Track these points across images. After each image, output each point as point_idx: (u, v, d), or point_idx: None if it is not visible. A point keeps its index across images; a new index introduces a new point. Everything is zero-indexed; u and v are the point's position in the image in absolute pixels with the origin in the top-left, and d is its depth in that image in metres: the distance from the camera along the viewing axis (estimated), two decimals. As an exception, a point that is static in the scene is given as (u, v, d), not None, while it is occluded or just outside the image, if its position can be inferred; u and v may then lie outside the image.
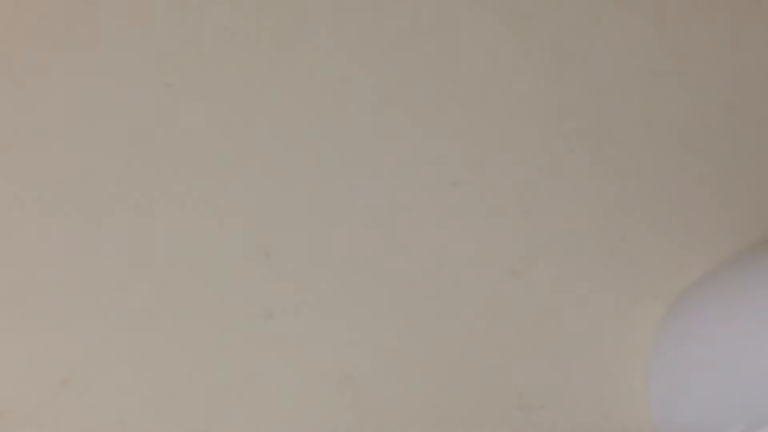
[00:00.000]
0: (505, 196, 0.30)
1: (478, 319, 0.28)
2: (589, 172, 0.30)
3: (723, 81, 0.32)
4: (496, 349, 0.28)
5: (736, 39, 0.32)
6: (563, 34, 0.32)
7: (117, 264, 0.28)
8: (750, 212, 0.30)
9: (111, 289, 0.28)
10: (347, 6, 0.32)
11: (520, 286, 0.29)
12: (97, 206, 0.29)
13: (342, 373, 0.27)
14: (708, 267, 0.29)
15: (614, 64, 0.32)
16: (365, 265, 0.29)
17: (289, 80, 0.31)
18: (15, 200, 0.29)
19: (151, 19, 0.32)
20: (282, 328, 0.28)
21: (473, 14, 0.32)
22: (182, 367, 0.27)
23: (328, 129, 0.30)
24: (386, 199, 0.29)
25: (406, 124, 0.30)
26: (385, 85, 0.31)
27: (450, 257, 0.29)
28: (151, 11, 0.32)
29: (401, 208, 0.29)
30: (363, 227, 0.29)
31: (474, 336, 0.28)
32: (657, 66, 0.32)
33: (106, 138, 0.30)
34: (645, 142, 0.30)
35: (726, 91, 0.31)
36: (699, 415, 0.24)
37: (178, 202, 0.29)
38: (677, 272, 0.29)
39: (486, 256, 0.29)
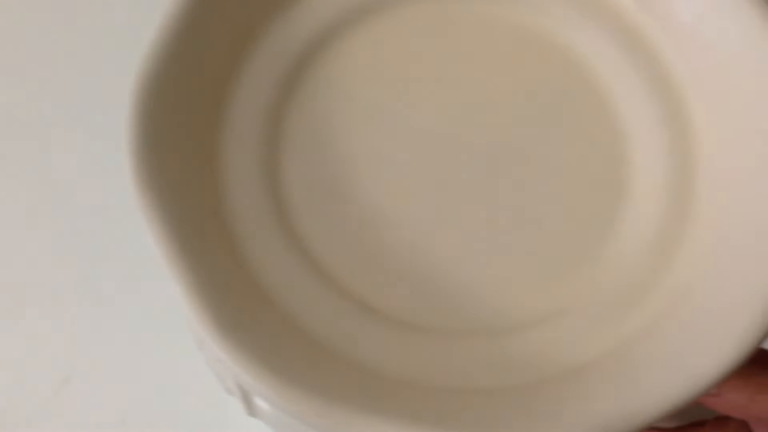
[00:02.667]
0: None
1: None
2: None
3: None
4: None
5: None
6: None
7: (117, 264, 0.28)
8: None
9: (111, 288, 0.28)
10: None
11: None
12: (97, 206, 0.29)
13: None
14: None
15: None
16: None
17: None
18: (15, 200, 0.29)
19: (152, 19, 0.32)
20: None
21: None
22: (182, 367, 0.27)
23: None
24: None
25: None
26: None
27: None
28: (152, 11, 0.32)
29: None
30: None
31: None
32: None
33: (106, 138, 0.30)
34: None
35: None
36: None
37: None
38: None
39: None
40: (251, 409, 0.22)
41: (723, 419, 0.21)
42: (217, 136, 0.20)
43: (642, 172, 0.20)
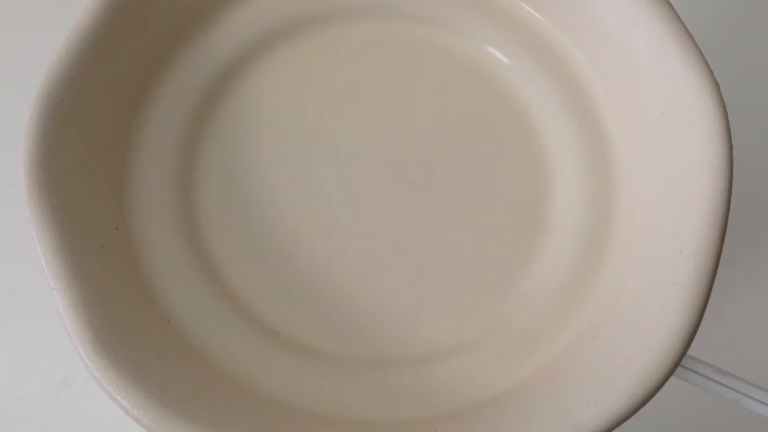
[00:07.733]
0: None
1: None
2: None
3: (723, 81, 0.31)
4: None
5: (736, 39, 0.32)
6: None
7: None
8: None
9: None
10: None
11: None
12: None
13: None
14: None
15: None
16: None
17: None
18: (15, 198, 0.29)
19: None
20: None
21: None
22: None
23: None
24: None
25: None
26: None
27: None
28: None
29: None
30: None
31: None
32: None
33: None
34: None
35: (726, 90, 0.31)
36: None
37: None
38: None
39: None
40: None
41: None
42: (127, 154, 0.19)
43: (562, 210, 0.20)
